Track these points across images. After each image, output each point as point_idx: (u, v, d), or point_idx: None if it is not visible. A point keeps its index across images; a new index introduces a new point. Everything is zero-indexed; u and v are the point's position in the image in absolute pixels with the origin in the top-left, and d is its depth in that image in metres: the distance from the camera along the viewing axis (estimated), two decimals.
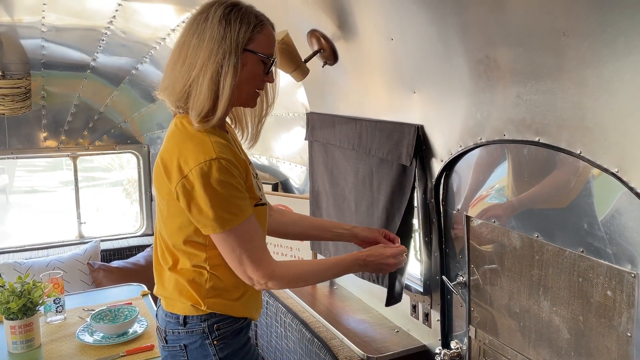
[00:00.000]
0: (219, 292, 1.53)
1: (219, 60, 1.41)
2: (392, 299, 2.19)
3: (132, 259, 3.76)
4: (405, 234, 2.11)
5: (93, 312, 2.48)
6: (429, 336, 2.18)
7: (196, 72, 1.42)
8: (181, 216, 1.47)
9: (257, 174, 1.65)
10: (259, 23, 1.48)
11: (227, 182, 1.40)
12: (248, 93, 1.51)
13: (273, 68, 1.53)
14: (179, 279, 1.54)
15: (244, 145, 1.67)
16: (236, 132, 1.68)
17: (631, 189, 1.23)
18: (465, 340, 1.95)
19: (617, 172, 1.25)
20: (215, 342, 1.54)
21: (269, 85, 1.58)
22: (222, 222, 1.42)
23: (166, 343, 1.59)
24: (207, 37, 1.42)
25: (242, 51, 1.44)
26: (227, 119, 1.62)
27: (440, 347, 2.04)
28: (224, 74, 1.41)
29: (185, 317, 1.55)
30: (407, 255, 1.80)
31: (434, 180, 1.95)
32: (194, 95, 1.43)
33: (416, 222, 2.14)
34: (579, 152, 1.33)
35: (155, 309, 1.73)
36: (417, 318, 2.23)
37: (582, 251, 1.42)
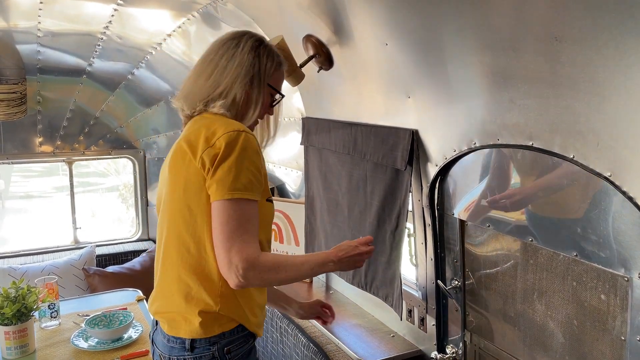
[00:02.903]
0: (231, 294, 1.47)
1: (245, 84, 1.54)
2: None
3: (127, 264, 3.75)
4: (397, 238, 2.12)
5: (88, 317, 2.46)
6: (424, 341, 2.17)
7: (220, 90, 1.54)
8: (198, 199, 1.45)
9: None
10: (280, 62, 1.63)
11: (249, 155, 1.44)
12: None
13: (278, 104, 1.68)
14: (189, 281, 1.46)
15: None
16: None
17: (624, 193, 1.24)
18: (461, 344, 1.95)
19: (610, 176, 1.26)
20: None
21: (272, 120, 1.72)
22: (232, 189, 1.40)
23: None
24: (236, 62, 1.54)
25: (266, 84, 1.58)
26: None
27: (436, 352, 2.04)
28: (251, 100, 1.56)
29: (192, 341, 1.46)
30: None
31: (428, 184, 1.96)
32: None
33: (411, 226, 2.15)
34: (572, 156, 1.34)
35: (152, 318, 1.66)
36: (413, 323, 2.23)
37: (576, 255, 1.42)
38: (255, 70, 1.55)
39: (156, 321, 1.59)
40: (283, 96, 1.66)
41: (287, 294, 1.94)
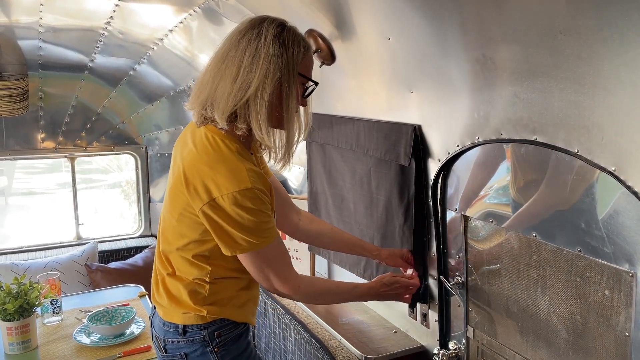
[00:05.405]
0: (219, 300, 1.53)
1: (276, 80, 1.39)
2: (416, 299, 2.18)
3: (129, 260, 3.76)
4: (407, 232, 2.11)
5: (90, 313, 2.47)
6: (427, 337, 2.17)
7: (252, 91, 1.39)
8: (192, 233, 1.46)
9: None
10: (306, 46, 1.48)
11: (258, 210, 1.40)
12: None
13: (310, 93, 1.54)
14: (179, 287, 1.53)
15: (275, 166, 1.63)
16: (264, 152, 1.65)
17: (629, 187, 1.23)
18: (463, 340, 1.95)
19: (615, 170, 1.25)
20: (216, 349, 1.53)
21: (303, 112, 1.56)
22: (251, 245, 1.43)
23: (165, 352, 1.57)
24: (262, 55, 1.38)
25: (297, 74, 1.44)
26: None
27: (439, 348, 2.03)
28: (285, 95, 1.42)
29: (184, 326, 1.53)
30: (422, 283, 1.95)
31: (431, 180, 1.95)
32: (253, 113, 1.41)
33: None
34: (576, 150, 1.33)
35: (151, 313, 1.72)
36: (415, 318, 2.22)
37: (580, 250, 1.41)
38: (283, 61, 1.39)
39: (154, 306, 1.65)
40: (317, 84, 1.52)
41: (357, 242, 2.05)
